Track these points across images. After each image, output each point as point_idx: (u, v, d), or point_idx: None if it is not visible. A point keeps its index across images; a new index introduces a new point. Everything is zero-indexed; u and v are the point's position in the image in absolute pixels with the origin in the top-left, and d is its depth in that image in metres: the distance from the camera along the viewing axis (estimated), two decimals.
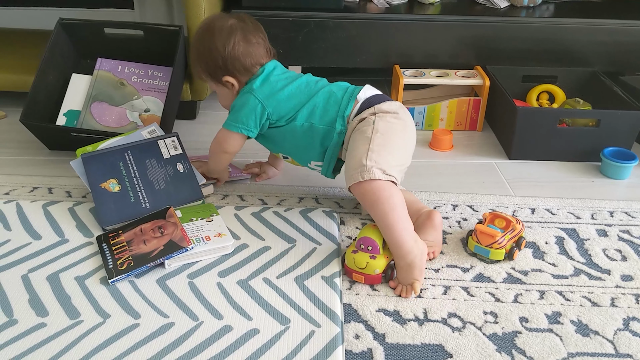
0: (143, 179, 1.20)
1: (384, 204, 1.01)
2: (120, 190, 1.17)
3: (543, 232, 1.20)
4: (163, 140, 1.27)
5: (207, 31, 1.19)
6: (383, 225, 1.02)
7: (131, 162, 1.21)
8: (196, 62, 1.22)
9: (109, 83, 1.51)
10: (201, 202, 1.21)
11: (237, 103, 1.20)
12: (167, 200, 1.18)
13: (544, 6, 1.75)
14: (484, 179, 1.40)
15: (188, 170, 1.24)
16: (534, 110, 1.46)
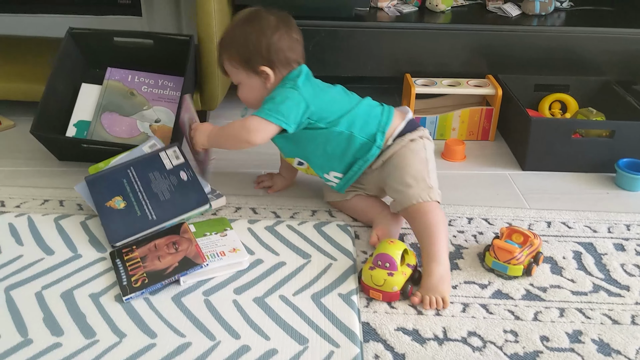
0: (147, 192, 1.19)
1: (439, 222, 1.08)
2: (125, 206, 1.16)
3: (560, 247, 1.18)
4: (164, 152, 1.26)
5: (253, 18, 1.16)
6: (428, 237, 1.06)
7: (134, 178, 1.21)
8: (230, 47, 1.17)
9: (119, 93, 1.49)
10: (208, 206, 1.19)
11: (278, 95, 1.14)
12: (174, 209, 1.17)
13: (555, 14, 1.74)
14: (498, 190, 1.39)
15: (192, 178, 1.22)
16: (547, 121, 1.44)
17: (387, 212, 1.19)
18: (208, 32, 1.46)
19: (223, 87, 1.58)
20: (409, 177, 1.12)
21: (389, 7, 1.72)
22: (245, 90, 1.21)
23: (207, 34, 1.46)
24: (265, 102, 1.15)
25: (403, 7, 1.72)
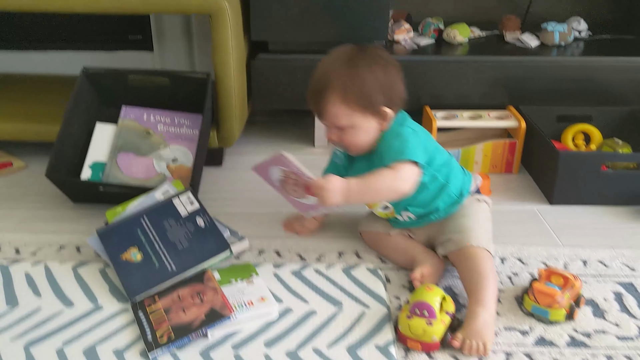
0: (164, 241, 1.14)
1: (491, 269, 1.06)
2: (142, 258, 1.11)
3: (599, 287, 1.14)
4: (177, 198, 1.21)
5: (368, 55, 1.09)
6: (478, 282, 1.03)
7: (149, 227, 1.16)
8: (347, 88, 1.06)
9: (135, 132, 1.46)
10: (229, 252, 1.14)
11: (408, 139, 1.08)
12: (193, 258, 1.12)
13: (574, 44, 1.72)
14: (528, 227, 1.34)
15: (209, 223, 1.18)
16: (576, 155, 1.41)
17: (430, 253, 1.15)
18: (225, 70, 1.43)
19: (240, 124, 1.55)
20: (469, 224, 1.12)
21: (405, 40, 1.69)
22: (358, 133, 1.10)
23: (224, 72, 1.43)
24: (399, 147, 1.07)
25: (420, 40, 1.69)
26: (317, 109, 1.10)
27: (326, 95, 1.07)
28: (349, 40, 1.56)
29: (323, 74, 1.09)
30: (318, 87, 1.09)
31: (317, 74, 1.11)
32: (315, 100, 1.10)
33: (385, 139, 1.12)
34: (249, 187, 1.50)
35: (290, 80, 1.58)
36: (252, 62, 1.56)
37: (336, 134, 1.11)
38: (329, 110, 1.08)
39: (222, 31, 1.40)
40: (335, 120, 1.09)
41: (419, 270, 1.10)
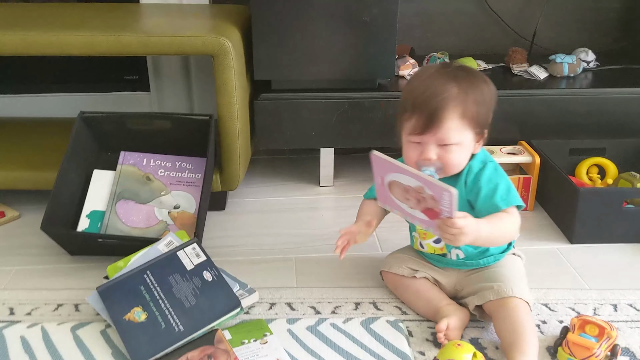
0: (170, 299, 1.06)
1: (531, 322, 1.02)
2: (147, 318, 1.04)
3: (634, 334, 1.07)
4: (183, 251, 1.14)
5: (474, 75, 1.05)
6: (520, 334, 0.98)
7: (153, 283, 1.09)
8: (467, 103, 1.00)
9: (134, 178, 1.39)
10: (240, 309, 1.07)
11: (503, 178, 1.07)
12: (202, 317, 1.04)
13: (583, 75, 1.68)
14: (551, 268, 1.28)
15: (217, 277, 1.10)
16: (597, 192, 1.36)
17: (455, 305, 1.09)
18: (229, 111, 1.37)
19: (244, 166, 1.49)
20: (509, 274, 1.08)
21: (410, 74, 1.65)
22: (461, 152, 1.03)
23: (228, 113, 1.38)
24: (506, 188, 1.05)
25: None
26: (428, 123, 1.00)
27: (446, 109, 0.99)
28: (353, 78, 1.54)
29: (438, 89, 1.00)
30: (436, 101, 0.99)
31: (427, 88, 1.01)
32: (430, 113, 1.00)
33: (480, 169, 1.06)
34: (254, 231, 1.43)
35: (294, 119, 1.53)
36: (256, 102, 1.51)
37: (437, 153, 1.03)
38: (444, 125, 1.00)
39: (225, 72, 1.35)
40: (446, 137, 1.01)
41: (444, 322, 1.03)
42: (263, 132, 1.54)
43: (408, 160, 1.06)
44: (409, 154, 1.06)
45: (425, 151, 1.03)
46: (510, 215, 1.04)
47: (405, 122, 1.04)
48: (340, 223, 1.47)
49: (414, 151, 1.05)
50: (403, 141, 1.08)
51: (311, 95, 1.52)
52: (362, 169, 1.75)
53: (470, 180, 1.07)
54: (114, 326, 1.04)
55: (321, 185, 1.66)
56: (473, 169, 1.07)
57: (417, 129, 1.02)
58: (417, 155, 1.04)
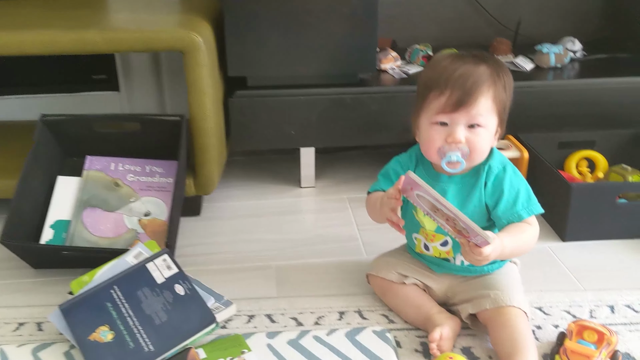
0: (139, 315, 0.98)
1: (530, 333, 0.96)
2: (114, 337, 0.95)
3: (634, 338, 1.01)
4: (152, 262, 1.06)
5: (506, 66, 1.01)
6: (518, 346, 0.92)
7: (120, 299, 1.00)
8: (498, 86, 0.97)
9: (102, 185, 1.31)
10: (214, 325, 0.99)
11: (523, 182, 1.02)
12: (174, 334, 0.96)
13: (570, 65, 1.63)
14: (544, 269, 1.22)
15: (190, 290, 1.02)
16: (589, 187, 1.30)
17: (447, 314, 1.02)
18: (201, 111, 1.29)
19: (219, 169, 1.41)
20: (505, 282, 1.03)
21: (393, 68, 1.58)
22: (486, 137, 0.98)
23: (200, 113, 1.29)
24: (527, 195, 1.01)
25: (408, 68, 1.58)
26: (463, 99, 0.95)
27: (481, 87, 0.95)
28: (334, 73, 1.46)
29: (471, 68, 0.96)
30: (472, 78, 0.95)
31: (460, 67, 0.96)
32: (466, 90, 0.95)
33: (500, 171, 1.01)
34: (231, 238, 1.35)
35: (271, 117, 1.45)
36: (230, 100, 1.43)
37: (465, 134, 0.97)
38: (479, 103, 0.95)
39: (196, 69, 1.26)
40: (477, 116, 0.96)
41: (437, 331, 0.96)
42: (239, 132, 1.46)
43: (430, 146, 0.99)
44: (433, 138, 0.98)
45: (453, 132, 0.96)
46: (530, 226, 1.00)
47: (431, 102, 0.98)
48: (322, 226, 1.40)
49: (439, 134, 0.98)
50: (423, 126, 1.01)
51: (289, 92, 1.44)
52: (345, 169, 1.68)
53: (491, 182, 1.01)
54: (77, 346, 0.96)
55: (302, 187, 1.59)
56: (493, 169, 1.01)
57: (448, 106, 0.95)
58: (443, 139, 0.98)
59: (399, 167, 1.09)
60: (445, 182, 1.04)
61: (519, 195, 1.00)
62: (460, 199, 1.02)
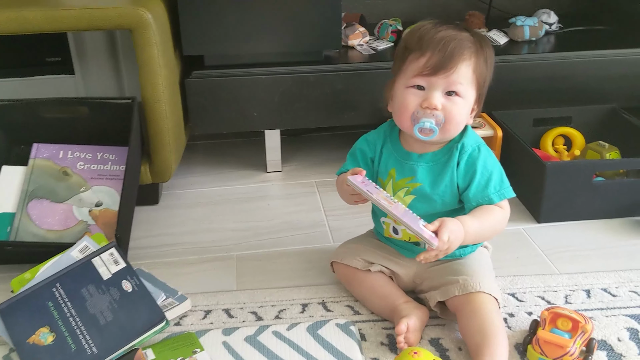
0: (82, 315, 0.91)
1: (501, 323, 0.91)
2: (55, 340, 0.88)
3: (610, 324, 0.96)
4: (99, 258, 0.98)
5: (488, 40, 0.97)
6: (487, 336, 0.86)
7: (63, 298, 0.93)
8: (479, 57, 0.92)
9: (49, 174, 1.22)
10: (164, 323, 0.93)
11: (496, 164, 0.97)
12: (120, 335, 0.89)
13: (546, 39, 1.56)
14: (517, 252, 1.17)
15: (138, 287, 0.95)
16: (565, 165, 1.24)
17: (414, 303, 0.96)
18: (155, 93, 1.21)
19: (176, 155, 1.33)
20: (476, 268, 0.97)
21: (361, 44, 1.51)
22: (463, 107, 0.92)
23: (153, 95, 1.21)
24: (499, 177, 0.96)
25: (377, 44, 1.51)
26: (443, 62, 0.89)
27: (463, 52, 0.90)
28: (297, 51, 1.38)
29: (453, 32, 0.91)
30: (454, 42, 0.89)
31: (441, 30, 0.91)
32: (447, 52, 0.89)
33: (474, 150, 0.95)
34: (191, 228, 1.28)
35: (232, 99, 1.37)
36: (187, 81, 1.35)
37: (442, 101, 0.91)
38: (459, 69, 0.90)
39: (147, 48, 1.18)
40: (456, 82, 0.90)
41: (404, 323, 0.90)
42: (197, 115, 1.38)
43: (403, 111, 0.93)
44: (407, 102, 0.92)
45: (429, 97, 0.91)
46: (501, 210, 0.95)
47: (409, 64, 0.92)
48: (288, 213, 1.33)
49: (414, 98, 0.92)
50: (398, 91, 0.95)
51: (250, 71, 1.36)
52: (313, 152, 1.61)
53: (464, 162, 0.95)
54: (15, 349, 0.89)
55: (268, 171, 1.51)
56: (467, 148, 0.95)
57: (427, 69, 0.90)
58: (418, 104, 0.91)
59: (366, 146, 1.03)
60: (416, 160, 0.97)
61: (491, 178, 0.94)
62: (431, 178, 0.96)
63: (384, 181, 0.99)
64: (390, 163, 0.99)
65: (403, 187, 0.97)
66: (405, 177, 0.97)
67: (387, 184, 0.99)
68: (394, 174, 0.98)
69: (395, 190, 0.98)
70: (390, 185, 0.98)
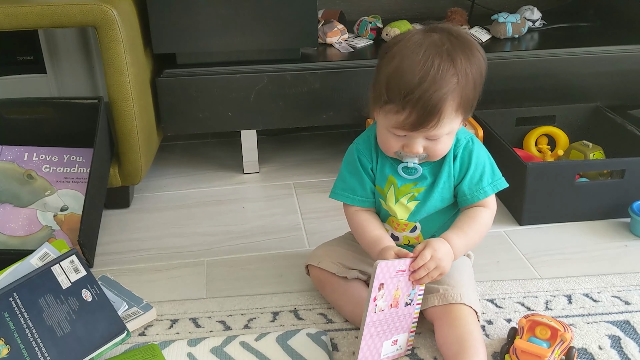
0: (39, 327, 0.86)
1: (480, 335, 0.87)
2: (9, 352, 0.83)
3: (591, 331, 0.93)
4: (58, 266, 0.93)
5: (475, 46, 0.86)
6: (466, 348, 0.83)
7: (20, 309, 0.88)
8: (462, 91, 0.83)
9: (13, 177, 1.18)
10: (125, 334, 0.88)
11: (487, 154, 0.94)
12: (78, 347, 0.85)
13: (529, 36, 1.53)
14: (498, 256, 1.13)
15: (99, 296, 0.90)
16: (546, 166, 1.20)
17: None
18: (122, 92, 1.17)
19: (147, 156, 1.28)
20: (457, 277, 0.93)
21: (339, 42, 1.47)
22: (450, 139, 0.88)
23: (120, 95, 1.17)
24: (491, 170, 0.93)
25: (356, 42, 1.47)
26: (423, 122, 0.82)
27: (445, 105, 0.82)
28: (272, 48, 1.34)
29: (434, 83, 0.81)
30: (433, 98, 0.81)
31: (422, 79, 0.80)
32: (426, 113, 0.81)
33: (468, 142, 0.92)
34: (162, 232, 1.23)
35: (205, 98, 1.33)
36: (158, 80, 1.30)
37: (424, 144, 0.86)
38: (442, 118, 0.82)
39: (112, 46, 1.13)
40: (437, 133, 0.84)
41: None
42: (169, 115, 1.34)
43: (386, 148, 0.90)
44: (389, 144, 0.88)
45: (410, 145, 0.86)
46: (487, 210, 0.93)
47: (388, 113, 0.85)
48: (263, 216, 1.29)
49: (395, 142, 0.87)
50: (379, 124, 0.89)
51: (224, 70, 1.32)
52: (291, 152, 1.57)
53: (460, 155, 0.91)
54: None
55: (245, 173, 1.47)
56: (461, 142, 0.92)
57: (406, 125, 0.83)
58: (400, 147, 0.87)
59: (363, 157, 0.95)
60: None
61: (484, 170, 0.92)
62: (431, 178, 0.92)
63: (383, 189, 0.94)
64: (387, 169, 0.94)
65: (407, 193, 0.93)
66: (408, 182, 0.92)
67: (388, 191, 0.94)
68: (395, 181, 0.93)
69: (398, 197, 0.93)
70: (392, 193, 0.93)
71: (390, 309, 0.84)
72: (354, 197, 0.96)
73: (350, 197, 0.96)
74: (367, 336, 0.83)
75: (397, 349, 0.87)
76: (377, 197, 0.96)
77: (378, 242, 0.90)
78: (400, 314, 0.85)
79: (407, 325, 0.87)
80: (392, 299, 0.83)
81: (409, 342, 0.89)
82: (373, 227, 0.94)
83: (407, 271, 0.84)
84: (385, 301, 0.82)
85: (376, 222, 0.95)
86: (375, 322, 0.83)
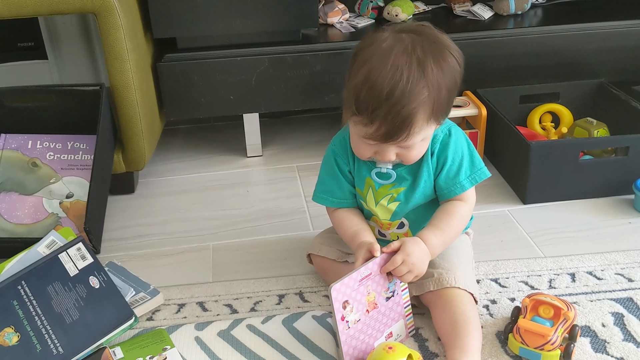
0: (48, 314, 0.88)
1: (476, 316, 0.87)
2: (20, 340, 0.85)
3: (595, 309, 0.94)
4: (65, 253, 0.95)
5: (448, 49, 0.81)
6: (462, 328, 0.83)
7: (29, 296, 0.90)
8: (434, 99, 0.79)
9: (18, 165, 1.18)
10: (133, 320, 0.90)
11: (467, 144, 0.91)
12: (86, 334, 0.86)
13: (532, 12, 1.51)
14: (501, 235, 1.13)
15: (106, 283, 0.92)
16: (550, 145, 1.20)
17: None
18: (123, 78, 1.16)
19: (150, 142, 1.29)
20: (453, 260, 0.92)
21: (340, 22, 1.45)
22: (425, 145, 0.87)
23: (122, 81, 1.17)
24: (464, 163, 0.90)
25: (357, 21, 1.46)
26: (392, 135, 0.80)
27: (415, 119, 0.79)
28: (273, 30, 1.33)
29: (404, 96, 0.77)
30: (403, 112, 0.78)
31: (390, 92, 0.77)
32: (395, 127, 0.79)
33: (446, 135, 0.90)
34: (167, 217, 1.24)
35: (206, 82, 1.32)
36: (159, 65, 1.30)
37: (396, 152, 0.85)
38: (412, 129, 0.80)
39: (112, 32, 1.13)
40: (409, 143, 0.83)
41: None
42: (171, 100, 1.34)
43: (359, 153, 0.88)
44: (361, 151, 0.87)
45: (382, 152, 0.85)
46: (464, 204, 0.91)
47: (357, 124, 0.83)
48: (268, 199, 1.30)
49: (367, 149, 0.86)
50: (351, 131, 0.87)
51: (224, 53, 1.31)
52: (294, 134, 1.57)
53: (437, 149, 0.89)
54: None
55: (248, 156, 1.47)
56: (439, 136, 0.90)
57: (376, 137, 0.82)
58: (372, 154, 0.86)
59: (340, 159, 0.94)
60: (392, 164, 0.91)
61: (462, 163, 0.90)
62: (411, 178, 0.91)
63: (362, 191, 0.94)
64: (364, 171, 0.92)
65: (386, 195, 0.92)
66: (386, 183, 0.91)
67: (367, 194, 0.93)
68: (372, 183, 0.92)
69: (378, 199, 0.92)
70: (372, 195, 0.93)
71: (368, 313, 0.83)
72: (332, 199, 0.96)
73: (329, 200, 0.96)
74: (350, 350, 0.81)
75: (395, 338, 0.88)
76: (357, 199, 0.96)
77: (355, 238, 0.90)
78: (384, 310, 0.85)
79: (399, 314, 0.87)
80: (366, 305, 0.82)
81: (409, 326, 0.89)
82: (350, 224, 0.93)
83: (375, 272, 0.83)
84: (357, 312, 0.81)
85: (355, 218, 0.94)
86: (354, 334, 0.82)
